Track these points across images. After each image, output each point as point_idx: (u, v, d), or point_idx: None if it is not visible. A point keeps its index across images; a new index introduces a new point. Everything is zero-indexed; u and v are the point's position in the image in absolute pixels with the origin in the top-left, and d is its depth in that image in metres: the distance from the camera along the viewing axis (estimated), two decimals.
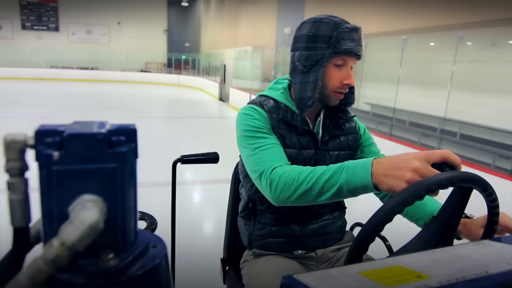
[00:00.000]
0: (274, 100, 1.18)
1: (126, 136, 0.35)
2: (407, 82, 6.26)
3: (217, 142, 7.19)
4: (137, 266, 0.36)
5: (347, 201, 1.35)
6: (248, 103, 1.21)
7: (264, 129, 1.10)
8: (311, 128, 1.18)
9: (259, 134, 1.08)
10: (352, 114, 1.29)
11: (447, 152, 0.72)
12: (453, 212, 0.73)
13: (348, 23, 1.11)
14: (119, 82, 19.78)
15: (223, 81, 14.27)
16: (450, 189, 0.74)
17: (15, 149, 0.34)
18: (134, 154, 0.36)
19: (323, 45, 1.09)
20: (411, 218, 1.10)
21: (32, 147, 0.34)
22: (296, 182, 0.88)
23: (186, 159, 1.38)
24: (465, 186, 0.70)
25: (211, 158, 1.40)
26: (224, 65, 14.53)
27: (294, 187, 0.88)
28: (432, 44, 6.34)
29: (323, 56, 1.09)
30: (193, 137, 7.71)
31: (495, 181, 2.90)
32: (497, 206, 0.72)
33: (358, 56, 1.10)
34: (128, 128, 0.35)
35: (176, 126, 9.23)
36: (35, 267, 0.29)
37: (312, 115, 1.22)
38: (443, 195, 0.78)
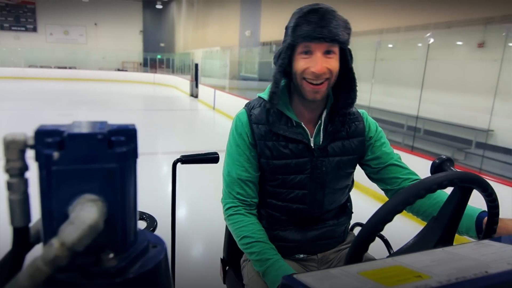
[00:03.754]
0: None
1: (126, 136, 0.35)
2: None
3: (188, 127, 9.06)
4: (137, 266, 0.36)
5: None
6: (245, 105, 1.21)
7: (240, 146, 1.15)
8: (309, 134, 1.13)
9: (235, 150, 1.16)
10: (360, 112, 1.21)
11: None
12: (453, 212, 0.73)
13: (315, 7, 1.02)
14: (97, 80, 20.37)
15: (195, 79, 15.07)
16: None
17: (15, 149, 0.34)
18: (134, 154, 0.36)
19: (288, 36, 1.06)
20: (423, 214, 1.10)
21: (32, 147, 0.34)
22: (237, 239, 1.12)
23: (186, 159, 1.38)
24: (465, 186, 0.70)
25: (211, 158, 1.40)
26: (196, 64, 15.22)
27: (237, 239, 1.12)
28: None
29: (285, 48, 1.06)
30: (167, 125, 8.97)
31: (494, 185, 2.90)
32: (497, 206, 0.72)
33: (321, 39, 1.00)
34: (128, 128, 0.35)
35: (152, 116, 10.39)
36: (35, 267, 0.29)
37: (312, 118, 1.15)
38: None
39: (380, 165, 1.18)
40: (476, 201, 0.94)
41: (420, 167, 1.20)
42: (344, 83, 1.10)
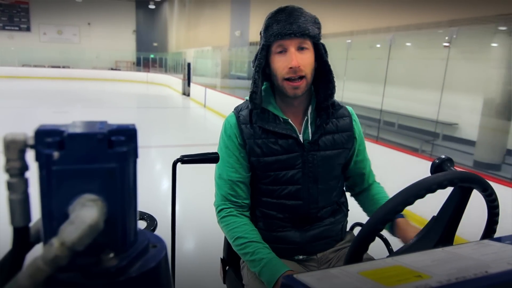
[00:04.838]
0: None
1: (126, 136, 0.35)
2: None
3: (180, 124, 9.51)
4: (137, 266, 0.36)
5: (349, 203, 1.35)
6: (234, 108, 1.24)
7: (229, 148, 1.18)
8: (297, 130, 1.15)
9: (225, 153, 1.20)
10: (346, 107, 1.24)
11: None
12: (453, 212, 0.73)
13: (282, 7, 1.08)
14: (90, 79, 20.52)
15: (187, 78, 15.36)
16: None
17: (15, 149, 0.34)
18: (134, 154, 0.36)
19: (262, 39, 1.11)
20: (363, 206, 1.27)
21: (32, 147, 0.34)
22: (231, 240, 1.14)
23: (186, 159, 1.37)
24: (465, 186, 0.70)
25: (212, 158, 1.40)
26: (189, 64, 15.46)
27: (231, 241, 1.14)
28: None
29: (260, 49, 1.12)
30: (160, 122, 9.28)
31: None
32: (497, 206, 0.72)
33: (291, 35, 1.04)
34: (128, 128, 0.35)
35: (145, 114, 10.88)
36: (35, 267, 0.29)
37: (298, 114, 1.18)
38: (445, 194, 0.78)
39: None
40: (476, 201, 0.94)
41: (383, 156, 1.31)
42: (322, 77, 1.14)
